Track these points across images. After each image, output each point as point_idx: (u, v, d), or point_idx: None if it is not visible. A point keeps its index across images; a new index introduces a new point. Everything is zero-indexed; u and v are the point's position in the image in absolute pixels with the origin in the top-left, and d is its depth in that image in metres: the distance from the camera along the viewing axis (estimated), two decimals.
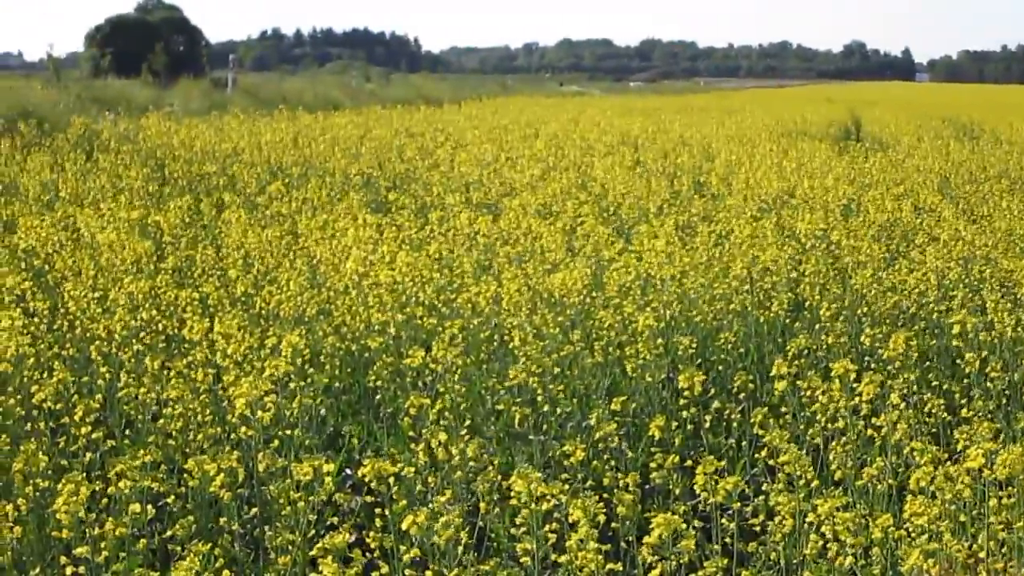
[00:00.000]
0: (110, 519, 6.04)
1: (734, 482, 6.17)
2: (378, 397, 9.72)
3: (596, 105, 58.03)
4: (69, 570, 5.83)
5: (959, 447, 7.22)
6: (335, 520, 7.46)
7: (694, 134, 31.25)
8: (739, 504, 6.46)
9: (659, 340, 10.04)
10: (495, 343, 10.53)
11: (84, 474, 6.20)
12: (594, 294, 11.47)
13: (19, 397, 8.37)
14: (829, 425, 7.82)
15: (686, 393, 8.11)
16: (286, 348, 8.80)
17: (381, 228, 14.07)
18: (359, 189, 19.58)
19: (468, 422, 8.69)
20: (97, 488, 6.26)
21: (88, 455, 7.21)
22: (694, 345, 10.38)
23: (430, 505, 6.50)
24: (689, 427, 8.71)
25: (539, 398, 9.12)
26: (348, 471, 8.97)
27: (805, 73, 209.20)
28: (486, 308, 10.86)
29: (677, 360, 10.36)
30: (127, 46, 68.64)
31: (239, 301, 11.44)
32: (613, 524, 6.45)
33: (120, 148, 26.09)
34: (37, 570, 6.66)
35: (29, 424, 8.24)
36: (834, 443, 7.61)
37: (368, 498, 6.71)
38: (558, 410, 9.26)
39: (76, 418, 7.43)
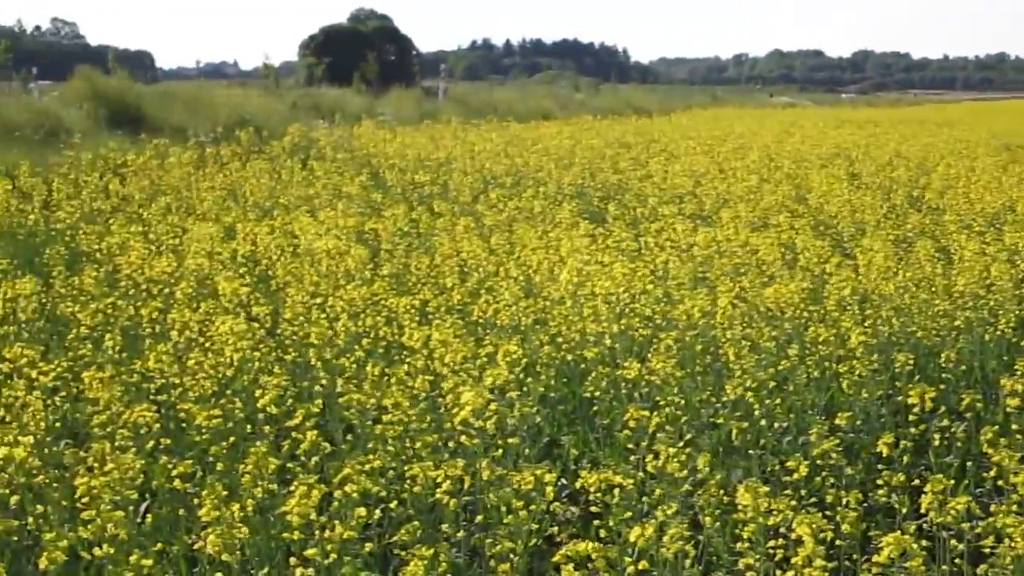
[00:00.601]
0: (338, 522, 6.12)
1: (964, 502, 6.03)
2: (594, 408, 9.68)
3: (808, 117, 57.37)
4: (299, 571, 5.93)
5: None
6: (554, 530, 7.48)
7: (910, 147, 30.68)
8: (967, 525, 6.31)
9: (875, 356, 9.87)
10: (709, 356, 10.45)
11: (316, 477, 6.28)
12: (811, 308, 11.31)
13: (241, 401, 8.51)
14: None
15: (916, 410, 7.96)
16: (503, 357, 8.82)
17: (595, 238, 14.06)
18: (572, 199, 19.59)
19: (688, 436, 8.63)
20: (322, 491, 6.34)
21: (313, 459, 7.31)
22: (913, 362, 10.18)
23: (651, 517, 6.47)
24: (910, 444, 8.54)
25: (756, 412, 9.02)
26: (563, 481, 8.95)
27: (1023, 86, 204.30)
28: (700, 320, 10.77)
29: (896, 377, 10.17)
30: (340, 55, 69.69)
31: (456, 309, 11.52)
32: (837, 542, 6.35)
33: (335, 156, 26.50)
34: (266, 570, 6.78)
35: (250, 427, 8.39)
36: None
37: (594, 508, 6.69)
38: (775, 425, 9.15)
39: (297, 422, 7.54)
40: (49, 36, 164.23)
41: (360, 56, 62.73)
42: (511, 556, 6.62)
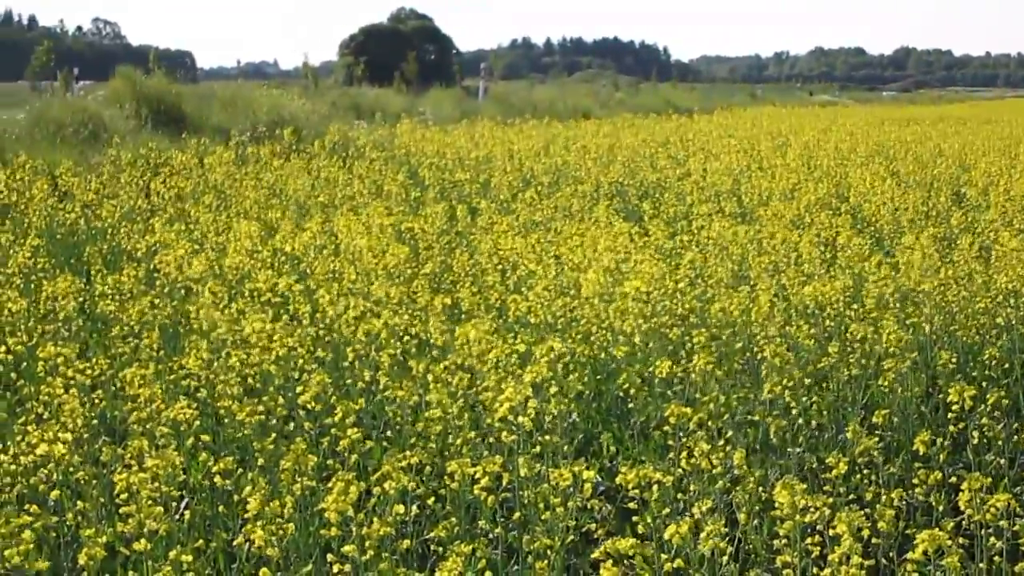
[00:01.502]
0: (376, 519, 6.12)
1: (1005, 499, 5.99)
2: (630, 405, 9.65)
3: (848, 115, 57.15)
4: (336, 567, 5.94)
5: None
6: (591, 526, 7.46)
7: (951, 144, 30.49)
8: (1006, 523, 6.27)
9: (913, 354, 9.81)
10: (747, 354, 10.41)
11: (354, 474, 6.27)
12: (852, 306, 11.25)
13: (280, 398, 8.51)
14: None
15: (955, 408, 7.91)
16: (546, 353, 8.78)
17: (632, 237, 14.00)
18: (611, 198, 19.55)
19: (726, 433, 8.58)
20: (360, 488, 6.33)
21: (353, 456, 7.31)
22: (954, 360, 10.11)
23: (688, 515, 6.45)
24: (948, 443, 8.49)
25: (794, 410, 8.98)
26: (598, 478, 8.92)
27: None
28: (739, 319, 10.73)
29: (937, 375, 10.12)
30: (380, 55, 69.97)
31: (493, 307, 11.50)
32: (874, 540, 6.32)
33: (374, 155, 26.54)
34: (308, 568, 6.78)
35: (289, 424, 8.39)
36: None
37: (632, 505, 6.67)
38: (812, 423, 9.11)
39: (337, 419, 7.54)
40: (91, 36, 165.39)
41: (400, 56, 62.98)
42: (548, 553, 6.61)
